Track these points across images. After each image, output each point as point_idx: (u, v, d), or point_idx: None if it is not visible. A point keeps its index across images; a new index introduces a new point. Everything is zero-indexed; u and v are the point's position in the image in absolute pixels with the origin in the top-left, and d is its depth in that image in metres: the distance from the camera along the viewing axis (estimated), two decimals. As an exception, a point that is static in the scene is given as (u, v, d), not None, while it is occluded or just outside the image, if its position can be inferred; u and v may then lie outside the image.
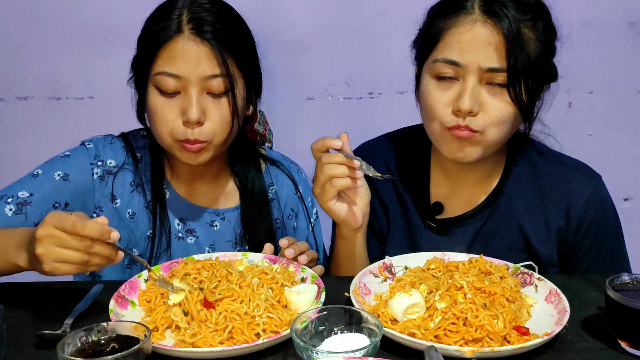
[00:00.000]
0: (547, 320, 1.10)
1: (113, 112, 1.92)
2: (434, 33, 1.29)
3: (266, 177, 1.55)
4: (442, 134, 1.30)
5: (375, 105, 1.97)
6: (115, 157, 1.42)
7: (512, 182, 1.41)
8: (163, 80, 1.31)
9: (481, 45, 1.23)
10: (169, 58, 1.30)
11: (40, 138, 1.95)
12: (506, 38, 1.21)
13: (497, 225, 1.41)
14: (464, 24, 1.24)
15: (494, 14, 1.22)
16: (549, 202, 1.39)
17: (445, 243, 1.41)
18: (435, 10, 1.32)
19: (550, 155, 1.44)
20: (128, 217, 1.42)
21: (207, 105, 1.32)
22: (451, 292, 1.11)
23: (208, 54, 1.30)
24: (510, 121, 1.27)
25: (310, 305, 1.11)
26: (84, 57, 1.88)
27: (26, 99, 1.92)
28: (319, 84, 1.96)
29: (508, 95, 1.24)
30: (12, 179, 1.36)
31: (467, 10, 1.25)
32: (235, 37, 1.35)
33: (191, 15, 1.32)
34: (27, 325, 1.11)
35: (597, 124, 2.03)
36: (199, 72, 1.30)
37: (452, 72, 1.26)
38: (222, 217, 1.50)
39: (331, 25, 1.91)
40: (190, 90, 1.30)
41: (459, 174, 1.43)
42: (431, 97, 1.29)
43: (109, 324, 0.93)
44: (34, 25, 1.86)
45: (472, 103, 1.23)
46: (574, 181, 1.38)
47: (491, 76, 1.24)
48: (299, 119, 1.97)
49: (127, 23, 1.84)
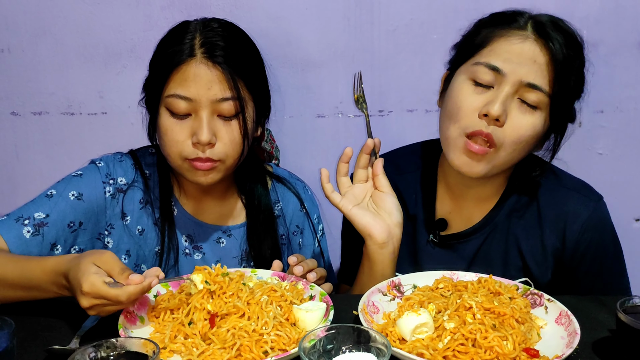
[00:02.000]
0: (558, 342, 1.09)
1: (125, 128, 1.94)
2: (480, 39, 1.31)
3: (272, 194, 1.56)
4: (457, 140, 1.29)
5: (385, 123, 1.98)
6: (126, 175, 1.43)
7: (512, 200, 1.41)
8: (174, 103, 1.32)
9: (528, 60, 1.24)
10: (181, 81, 1.32)
11: (53, 152, 1.97)
12: (554, 60, 1.24)
13: (495, 243, 1.41)
14: (515, 37, 1.27)
15: (546, 36, 1.25)
16: (546, 222, 1.38)
17: (447, 259, 1.41)
18: (486, 20, 1.34)
19: (551, 174, 1.43)
20: (137, 233, 1.43)
21: (218, 127, 1.34)
22: (460, 312, 1.11)
23: (219, 78, 1.32)
24: (527, 143, 1.28)
25: (319, 324, 1.11)
26: (97, 73, 1.91)
27: (40, 114, 1.95)
28: (330, 102, 1.97)
29: (539, 114, 1.25)
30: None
31: (521, 25, 1.27)
32: (246, 61, 1.38)
33: (204, 40, 1.34)
34: (37, 340, 1.11)
35: (608, 143, 2.02)
36: (210, 95, 1.31)
37: (490, 78, 1.26)
38: (228, 234, 1.50)
39: (342, 44, 1.93)
40: (201, 112, 1.32)
41: (462, 190, 1.43)
42: (461, 96, 1.29)
43: (118, 340, 0.93)
44: (49, 42, 1.89)
45: (502, 110, 1.24)
46: (571, 203, 1.37)
47: (527, 92, 1.25)
48: (309, 136, 1.98)
49: (140, 41, 1.88)
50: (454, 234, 1.44)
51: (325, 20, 1.89)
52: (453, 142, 1.30)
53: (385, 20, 1.91)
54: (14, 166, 1.99)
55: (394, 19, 1.90)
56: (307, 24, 1.89)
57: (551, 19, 1.30)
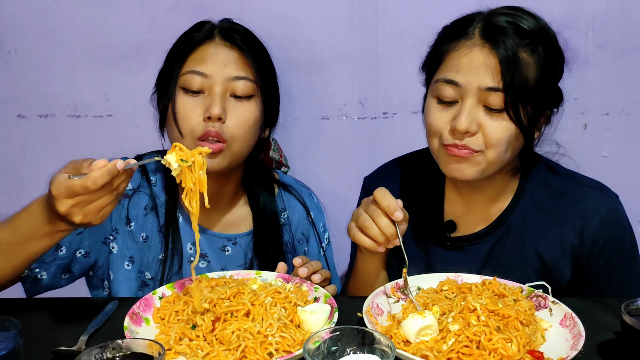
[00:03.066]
0: (562, 344, 1.09)
1: (131, 130, 1.95)
2: (437, 56, 1.35)
3: (279, 202, 1.56)
4: (440, 151, 1.33)
5: (390, 125, 1.98)
6: (132, 181, 1.44)
7: (526, 200, 1.41)
8: (190, 79, 1.35)
9: (478, 67, 1.26)
10: (198, 59, 1.35)
11: (60, 154, 1.98)
12: (501, 61, 1.25)
13: (510, 243, 1.41)
14: (463, 48, 1.29)
15: (492, 40, 1.27)
16: (564, 220, 1.38)
17: (459, 261, 1.41)
18: (441, 34, 1.38)
19: (566, 174, 1.44)
20: (142, 240, 1.43)
21: (230, 105, 1.36)
22: (464, 314, 1.11)
23: (236, 58, 1.36)
24: (510, 142, 1.29)
25: (323, 325, 1.11)
26: (103, 75, 1.92)
27: (47, 117, 1.96)
28: (334, 104, 1.97)
29: (507, 115, 1.26)
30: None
31: (468, 35, 1.30)
32: (261, 56, 1.42)
33: (222, 27, 1.40)
34: (43, 341, 1.12)
35: (613, 145, 2.01)
36: (225, 72, 1.34)
37: (452, 93, 1.29)
38: (234, 242, 1.50)
39: (346, 46, 1.93)
40: (215, 88, 1.34)
41: (471, 192, 1.44)
42: (431, 115, 1.33)
43: (124, 341, 0.94)
44: (56, 44, 1.90)
45: (469, 123, 1.26)
46: (589, 200, 1.38)
47: (489, 97, 1.26)
48: (313, 138, 1.98)
49: (145, 43, 1.88)
50: (465, 236, 1.44)
51: (329, 22, 1.90)
52: (437, 153, 1.35)
53: (390, 22, 1.91)
54: (20, 168, 1.99)
55: (399, 21, 1.90)
56: (312, 26, 1.90)
57: (504, 13, 1.30)
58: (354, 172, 1.99)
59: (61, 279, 1.39)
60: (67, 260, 1.37)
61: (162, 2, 1.86)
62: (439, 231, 1.46)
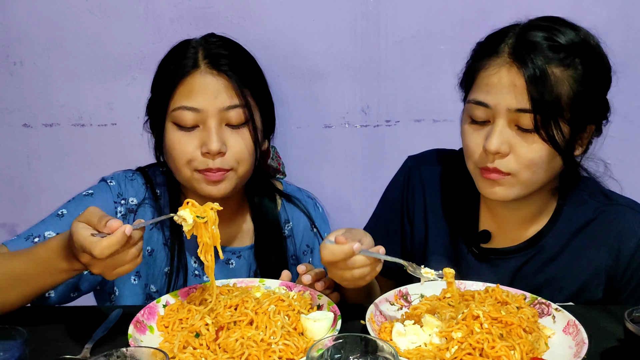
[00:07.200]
0: (565, 352, 1.09)
1: (135, 138, 1.95)
2: (470, 74, 1.32)
3: (282, 214, 1.55)
4: (475, 172, 1.32)
5: (392, 133, 1.99)
6: (137, 195, 1.43)
7: (562, 223, 1.38)
8: (181, 115, 1.31)
9: (507, 87, 1.24)
10: (187, 93, 1.31)
11: (64, 163, 1.99)
12: (528, 80, 1.21)
13: (542, 265, 1.38)
14: (493, 67, 1.26)
15: (520, 58, 1.23)
16: (600, 242, 1.36)
17: (486, 274, 1.38)
18: (474, 51, 1.35)
19: (600, 194, 1.41)
20: (147, 254, 1.43)
21: (227, 136, 1.33)
22: (468, 321, 1.11)
23: (226, 86, 1.32)
24: (545, 162, 1.26)
25: (326, 333, 1.12)
26: (107, 85, 1.93)
27: (52, 126, 1.97)
28: (336, 112, 1.98)
29: (538, 136, 1.23)
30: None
31: (498, 53, 1.27)
32: (249, 70, 1.38)
33: (206, 52, 1.34)
34: (48, 349, 1.13)
35: (616, 153, 2.01)
36: (217, 103, 1.31)
37: (482, 114, 1.27)
38: (238, 255, 1.50)
39: (348, 54, 1.94)
40: (209, 122, 1.31)
41: (504, 211, 1.41)
42: (465, 136, 1.32)
43: (128, 349, 0.94)
44: (61, 55, 1.92)
45: (499, 144, 1.24)
46: (626, 220, 1.35)
47: (519, 117, 1.23)
48: (316, 146, 1.99)
49: (149, 53, 1.90)
50: (496, 249, 1.41)
51: (332, 31, 1.91)
52: (473, 174, 1.34)
53: (392, 31, 1.92)
54: (26, 177, 2.01)
55: (401, 29, 1.92)
56: (314, 35, 1.91)
57: (540, 26, 1.26)
58: (357, 180, 2.00)
59: (69, 297, 1.39)
60: (75, 279, 1.36)
61: (166, 13, 1.88)
62: (471, 239, 1.44)
